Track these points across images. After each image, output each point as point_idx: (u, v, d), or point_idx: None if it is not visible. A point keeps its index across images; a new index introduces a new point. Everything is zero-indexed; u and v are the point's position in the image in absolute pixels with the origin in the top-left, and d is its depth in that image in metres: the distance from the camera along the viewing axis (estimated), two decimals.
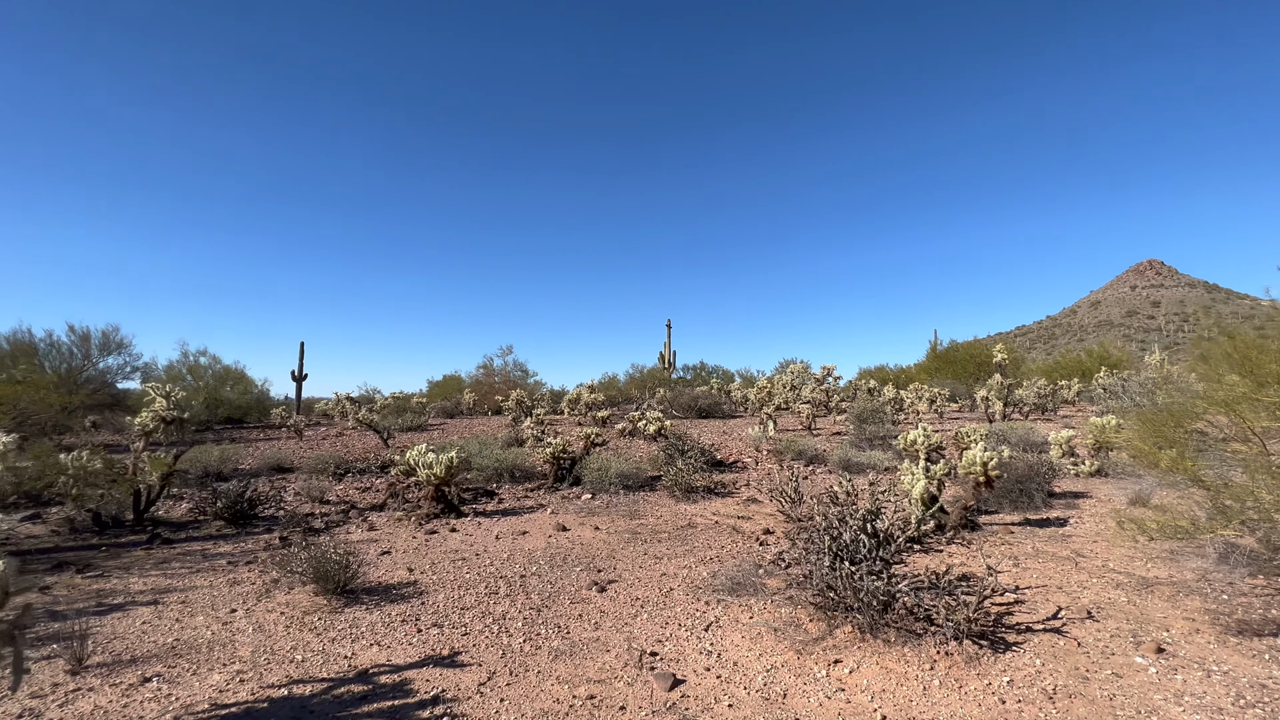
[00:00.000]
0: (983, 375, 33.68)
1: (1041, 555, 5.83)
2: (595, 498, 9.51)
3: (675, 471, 9.65)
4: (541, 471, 11.20)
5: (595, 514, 8.40)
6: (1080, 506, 7.92)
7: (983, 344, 41.61)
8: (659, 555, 6.29)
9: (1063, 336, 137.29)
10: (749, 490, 9.87)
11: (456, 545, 6.86)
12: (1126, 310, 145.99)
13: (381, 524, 8.10)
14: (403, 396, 30.49)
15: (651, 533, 7.27)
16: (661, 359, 32.01)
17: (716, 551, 6.37)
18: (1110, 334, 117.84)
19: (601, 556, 6.26)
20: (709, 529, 7.40)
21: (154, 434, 7.94)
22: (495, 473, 10.86)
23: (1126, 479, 9.94)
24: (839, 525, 4.67)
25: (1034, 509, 7.73)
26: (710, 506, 8.77)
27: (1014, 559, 5.73)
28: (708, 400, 21.94)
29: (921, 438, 10.97)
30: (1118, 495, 8.51)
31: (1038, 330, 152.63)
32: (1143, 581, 4.99)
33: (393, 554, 6.53)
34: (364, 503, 9.57)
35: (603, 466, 10.13)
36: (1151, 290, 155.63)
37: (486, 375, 29.76)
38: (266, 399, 24.44)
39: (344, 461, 12.59)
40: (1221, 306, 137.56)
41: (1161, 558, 5.60)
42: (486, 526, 7.80)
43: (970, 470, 6.75)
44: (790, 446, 12.78)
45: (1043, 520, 7.24)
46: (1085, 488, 9.11)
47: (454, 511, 8.52)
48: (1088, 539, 6.39)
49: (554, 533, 7.34)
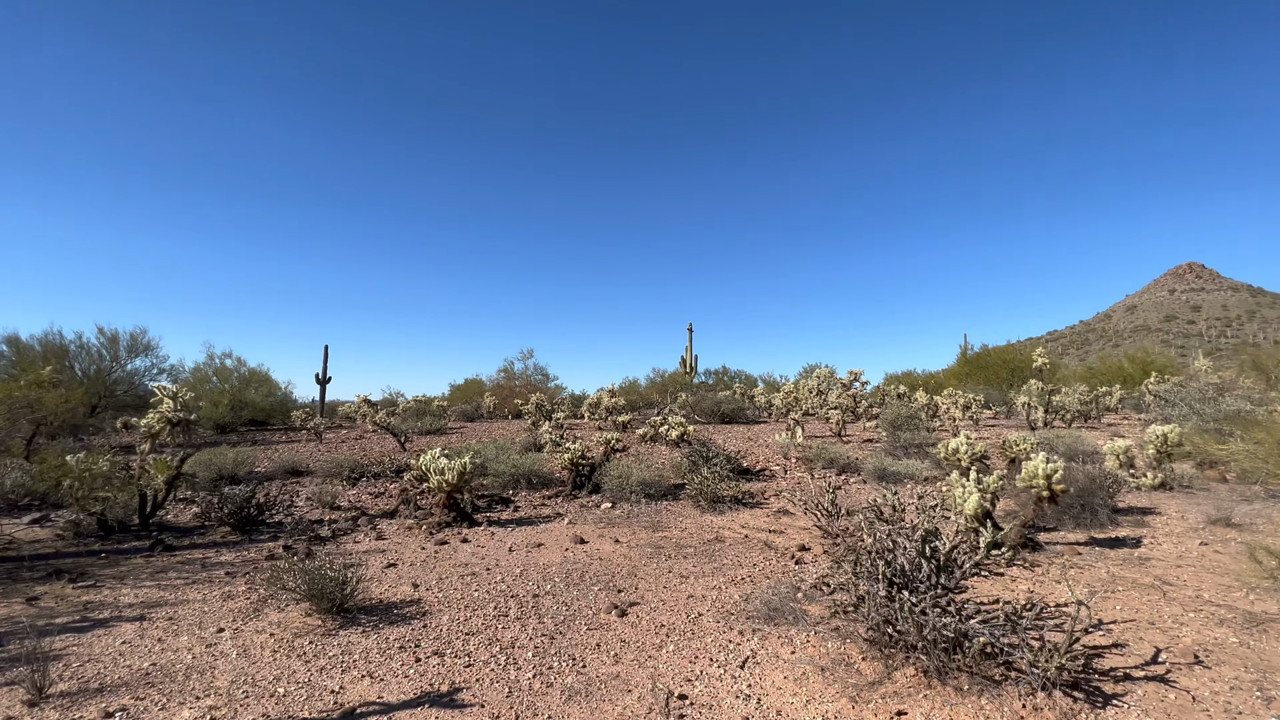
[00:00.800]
0: (1016, 381, 32.39)
1: (1120, 582, 5.14)
2: (615, 507, 9.00)
3: (700, 480, 9.09)
4: (560, 478, 10.74)
5: (615, 525, 7.89)
6: (1150, 524, 7.15)
7: (1016, 348, 40.11)
8: (685, 573, 5.74)
9: (1096, 342, 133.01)
10: (779, 501, 9.26)
11: (467, 558, 6.40)
12: (1165, 315, 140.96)
13: (391, 532, 7.70)
14: (424, 400, 30.43)
15: (676, 547, 6.73)
16: (683, 363, 31.47)
17: (748, 570, 5.81)
18: (1148, 339, 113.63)
19: (622, 574, 5.74)
20: (738, 544, 6.83)
21: (160, 436, 7.67)
22: (512, 479, 10.43)
23: (1197, 494, 9.09)
24: (893, 547, 4.08)
25: (1099, 526, 6.99)
26: (738, 518, 8.19)
27: (1089, 586, 5.05)
28: (731, 405, 21.29)
29: (965, 446, 10.23)
30: (1191, 512, 7.71)
31: (1070, 335, 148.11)
32: (1250, 618, 4.29)
33: (399, 567, 6.10)
34: (375, 509, 9.21)
35: (623, 474, 9.62)
36: (1191, 294, 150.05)
37: (507, 379, 29.56)
38: (290, 401, 24.53)
39: (359, 465, 12.30)
40: (1267, 311, 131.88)
41: (1266, 588, 4.87)
42: (500, 537, 7.34)
43: (1031, 483, 6.07)
44: (821, 454, 12.12)
45: (1112, 540, 6.51)
46: (1150, 503, 8.31)
47: (467, 520, 8.09)
48: (1169, 563, 5.66)
49: (571, 545, 6.84)
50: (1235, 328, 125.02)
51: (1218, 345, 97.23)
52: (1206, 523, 7.06)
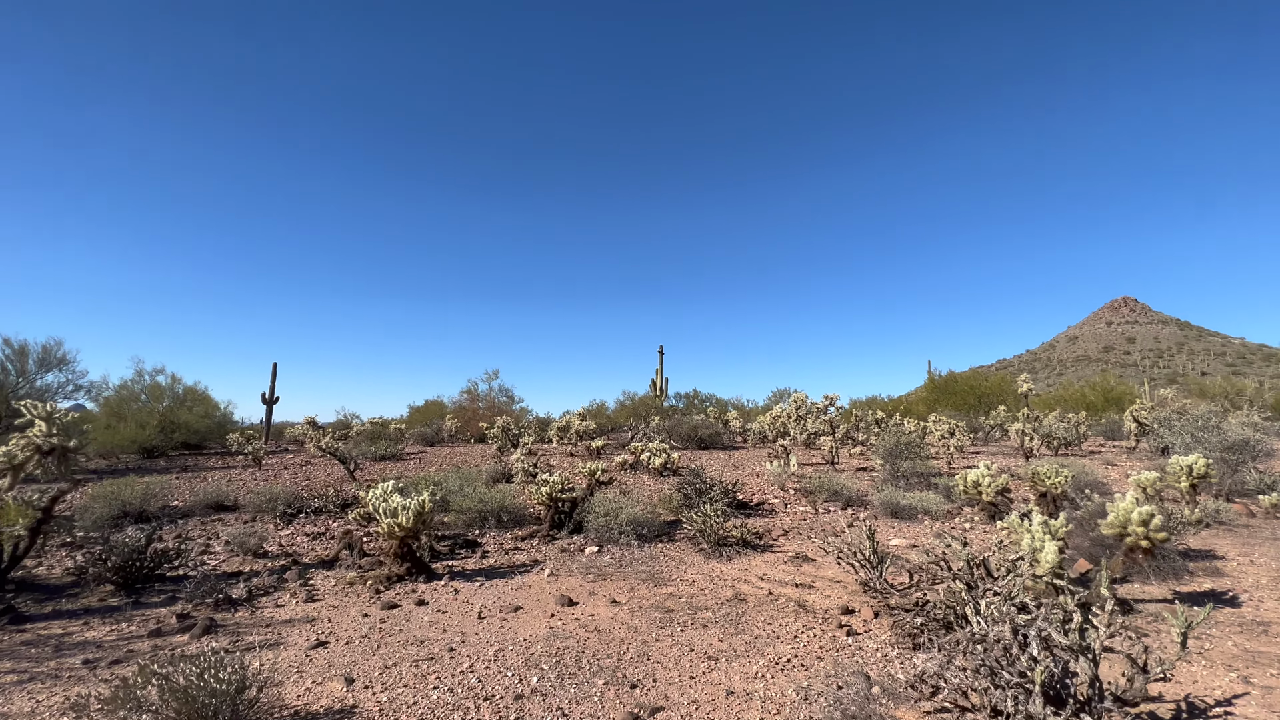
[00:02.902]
0: (983, 407, 32.49)
1: (1261, 660, 4.11)
2: (603, 551, 7.62)
3: (702, 519, 7.82)
4: (535, 515, 9.29)
5: (607, 576, 6.52)
6: (1225, 571, 6.25)
7: (982, 374, 40.65)
8: (711, 653, 4.44)
9: (1043, 370, 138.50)
10: (791, 542, 8.05)
11: (423, 630, 4.94)
12: (1103, 345, 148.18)
13: (326, 589, 6.14)
14: (381, 422, 28.30)
15: (689, 610, 5.41)
16: (653, 386, 30.34)
17: (791, 646, 4.54)
18: (1089, 368, 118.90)
19: (630, 655, 4.40)
20: (764, 604, 5.57)
21: (25, 468, 5.96)
22: (479, 516, 8.93)
23: (1237, 530, 8.35)
24: (1039, 638, 2.91)
25: (1174, 576, 6.03)
26: (751, 566, 6.93)
27: (1233, 669, 3.99)
28: (708, 430, 20.18)
29: (987, 479, 9.29)
30: (1255, 554, 6.87)
31: (1018, 363, 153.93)
32: None
33: (331, 646, 4.59)
34: (311, 555, 7.58)
35: (610, 511, 8.26)
36: (1126, 327, 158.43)
37: (470, 401, 27.85)
38: (230, 423, 22.26)
39: (297, 498, 10.56)
40: (1194, 344, 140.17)
41: None
42: (466, 596, 5.88)
43: (1125, 530, 5.04)
44: (823, 486, 11.03)
45: (1202, 595, 5.53)
46: (1204, 544, 7.47)
47: (424, 572, 6.58)
48: None
49: (557, 609, 5.44)
50: (1166, 359, 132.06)
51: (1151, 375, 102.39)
52: None
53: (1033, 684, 2.75)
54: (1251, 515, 9.40)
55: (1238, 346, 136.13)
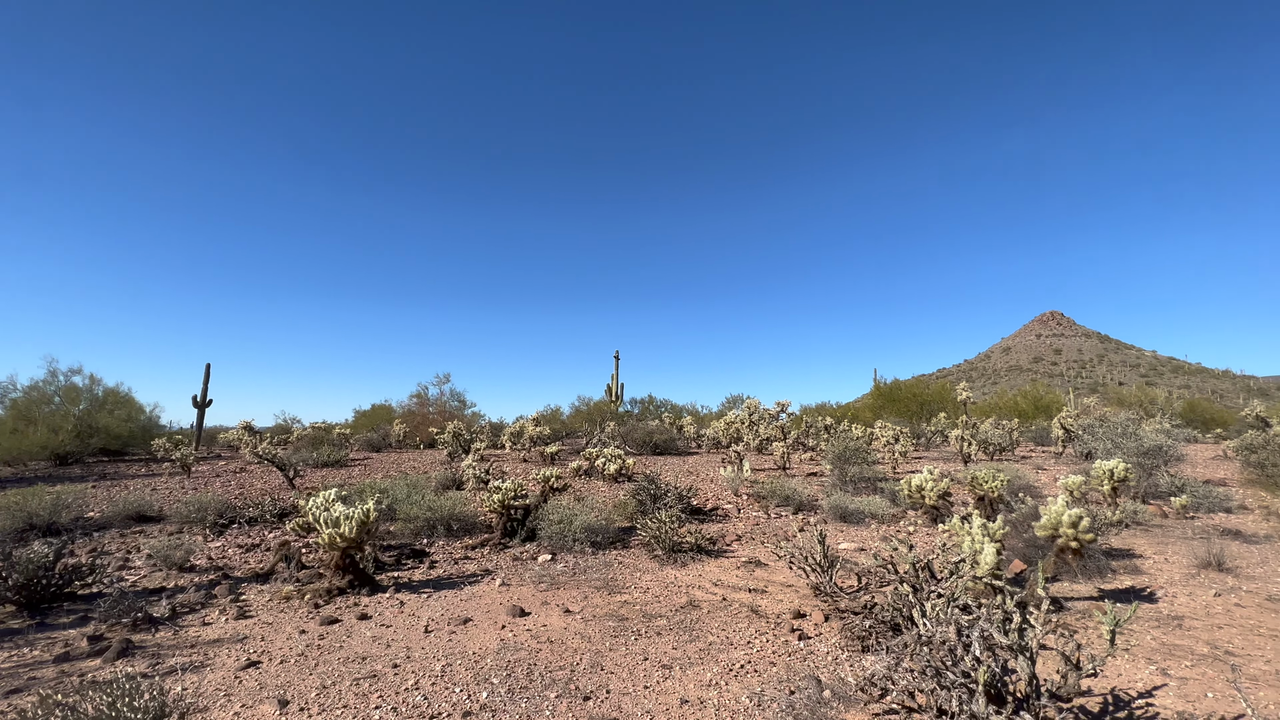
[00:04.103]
0: (924, 413, 33.96)
1: (1177, 654, 4.39)
2: (556, 559, 7.49)
3: (657, 525, 7.80)
4: (486, 523, 9.06)
5: (561, 585, 6.40)
6: (1144, 570, 6.68)
7: (924, 383, 42.48)
8: (665, 661, 4.40)
9: (979, 379, 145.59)
10: (744, 547, 8.13)
11: (365, 645, 4.70)
12: (1033, 356, 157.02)
13: (260, 605, 5.79)
14: (324, 427, 27.09)
15: (644, 618, 5.37)
16: (609, 391, 30.28)
17: (744, 652, 4.56)
18: (1020, 378, 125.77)
19: (583, 666, 4.31)
20: (718, 610, 5.58)
21: None
22: (427, 524, 8.63)
23: (1151, 529, 8.95)
24: (982, 638, 3.01)
25: (1099, 574, 6.40)
26: (705, 572, 6.95)
27: (1153, 663, 4.25)
28: (663, 436, 20.25)
29: (930, 484, 9.66)
30: (1168, 553, 7.38)
31: (957, 372, 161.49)
32: None
33: (264, 666, 4.31)
34: (245, 569, 7.15)
35: (564, 518, 8.15)
36: (1054, 339, 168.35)
37: (420, 405, 27.03)
38: (155, 427, 20.86)
39: (231, 507, 9.97)
40: (1113, 356, 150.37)
41: None
42: (413, 608, 5.65)
43: (1056, 532, 5.32)
44: (774, 491, 11.21)
45: (1124, 593, 5.89)
46: (1124, 544, 7.97)
47: (368, 584, 6.29)
48: (1205, 622, 5.04)
49: (509, 620, 5.30)
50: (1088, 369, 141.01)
51: (1075, 384, 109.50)
52: (1196, 567, 6.68)
53: (976, 684, 2.84)
54: (1164, 516, 10.10)
55: (1150, 359, 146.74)
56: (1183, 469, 14.12)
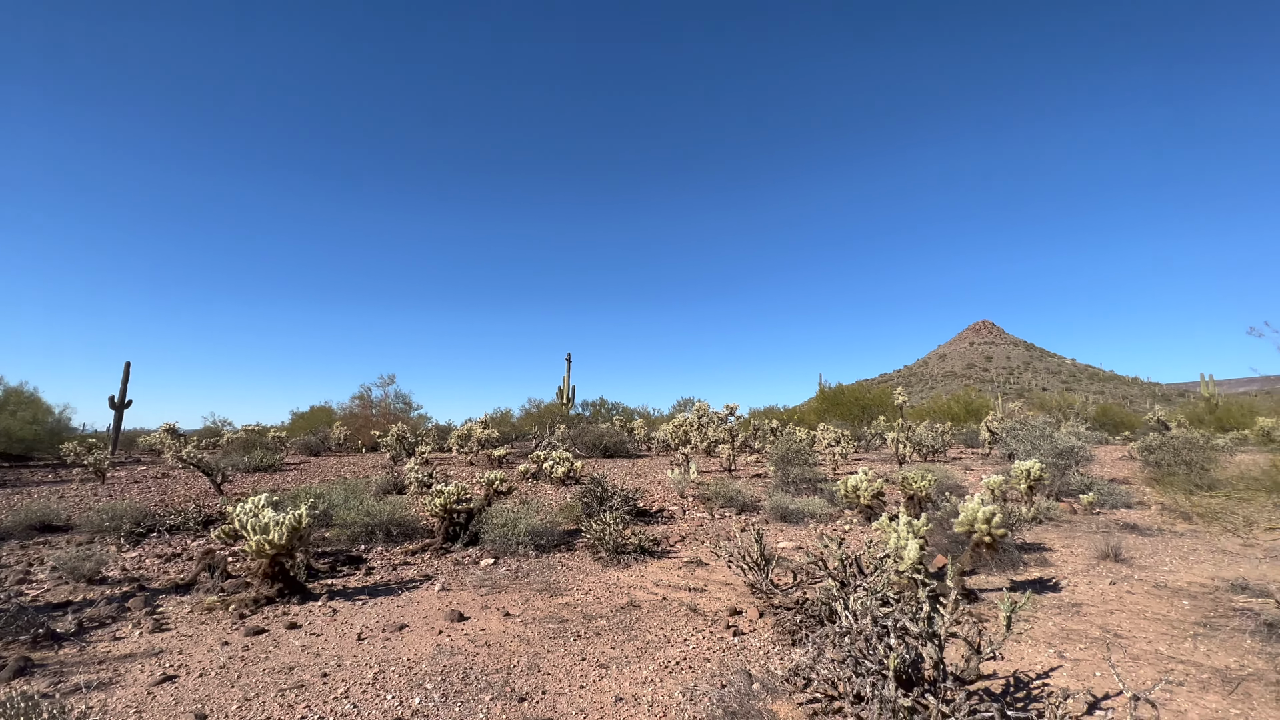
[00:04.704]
0: (866, 416, 35.38)
1: (1073, 637, 4.78)
2: (499, 563, 7.44)
3: (601, 528, 7.85)
4: (428, 527, 8.88)
5: (502, 589, 6.36)
6: (1053, 562, 7.21)
7: (866, 387, 44.21)
8: (603, 661, 4.46)
9: (918, 384, 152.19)
10: (687, 548, 8.29)
11: (294, 655, 4.55)
12: (967, 363, 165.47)
13: (180, 617, 5.50)
14: (257, 429, 25.80)
15: (584, 619, 5.41)
16: (560, 394, 30.15)
17: (680, 650, 4.67)
18: (955, 383, 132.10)
19: (520, 668, 4.32)
20: (658, 609, 5.69)
21: None
22: (365, 530, 8.39)
23: (1061, 525, 9.65)
24: (895, 628, 3.21)
25: (1013, 567, 6.87)
26: (648, 572, 7.05)
27: (1051, 646, 4.61)
28: (613, 438, 20.34)
29: (865, 484, 10.10)
30: (1074, 546, 7.99)
31: (897, 377, 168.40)
32: (1225, 677, 4.02)
33: (180, 681, 4.12)
34: (164, 579, 6.77)
35: (508, 522, 8.09)
36: (985, 347, 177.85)
37: (363, 407, 26.13)
38: (66, 430, 19.39)
39: (150, 515, 9.38)
40: (1038, 363, 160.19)
41: (1204, 635, 4.75)
42: (347, 616, 5.50)
43: (972, 527, 5.69)
44: (719, 492, 11.45)
45: (1034, 583, 6.35)
46: (1036, 537, 8.57)
47: (299, 592, 6.08)
48: (1100, 609, 5.50)
49: (446, 625, 5.23)
50: (1016, 376, 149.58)
51: (1004, 390, 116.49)
52: (1097, 558, 7.26)
53: (888, 670, 3.03)
54: (1074, 512, 10.91)
55: (1070, 366, 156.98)
56: (1092, 469, 15.25)
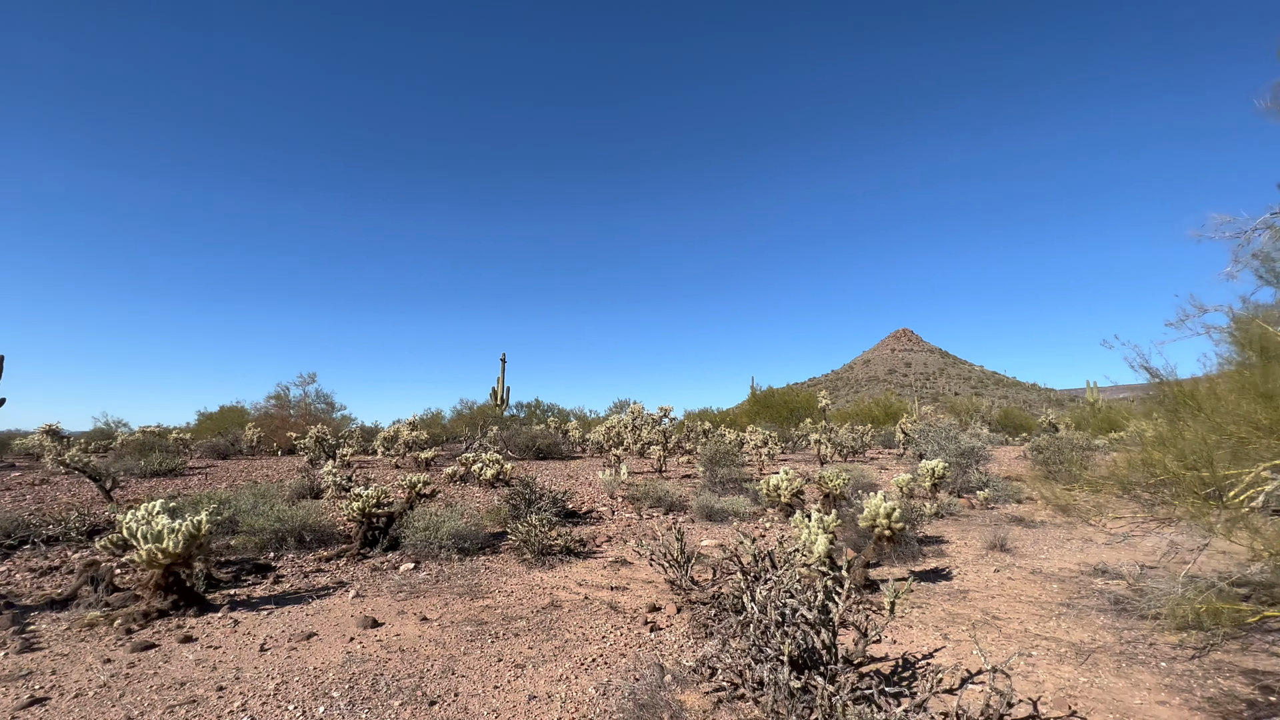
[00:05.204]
0: (794, 419, 36.85)
1: (959, 620, 5.23)
2: (420, 568, 7.26)
3: (527, 529, 7.82)
4: (345, 532, 8.54)
5: (421, 594, 6.23)
6: (949, 553, 7.82)
7: (794, 390, 45.99)
8: (519, 661, 4.48)
9: (844, 388, 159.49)
10: (614, 548, 8.39)
11: (187, 670, 4.30)
12: (888, 369, 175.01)
13: (53, 636, 5.05)
14: (158, 431, 23.76)
15: (504, 621, 5.39)
16: (494, 395, 29.60)
17: (598, 647, 4.76)
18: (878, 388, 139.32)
19: (434, 672, 4.27)
20: (579, 609, 5.75)
21: None
22: (275, 537, 7.97)
23: (960, 519, 10.45)
24: (792, 617, 3.43)
25: (913, 559, 7.41)
26: (572, 573, 7.10)
27: (938, 629, 5.03)
28: (546, 440, 20.21)
29: (785, 484, 10.55)
30: (968, 538, 8.69)
31: (825, 381, 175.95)
32: (1079, 650, 4.52)
33: (51, 703, 3.80)
34: (38, 594, 6.17)
35: (431, 524, 7.91)
36: (905, 353, 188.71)
37: (279, 407, 24.65)
38: None
39: (23, 525, 8.51)
40: (951, 370, 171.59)
41: (1066, 614, 5.32)
42: (249, 627, 5.23)
43: (874, 522, 6.10)
44: (648, 493, 11.63)
45: (930, 573, 6.87)
46: (936, 531, 9.25)
47: (195, 604, 5.71)
48: (984, 594, 6.03)
49: (359, 632, 5.08)
50: (932, 381, 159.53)
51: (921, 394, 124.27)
52: (986, 549, 7.94)
53: (784, 655, 3.24)
54: (972, 507, 11.84)
55: (979, 373, 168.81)
56: (991, 467, 16.56)
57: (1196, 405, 4.00)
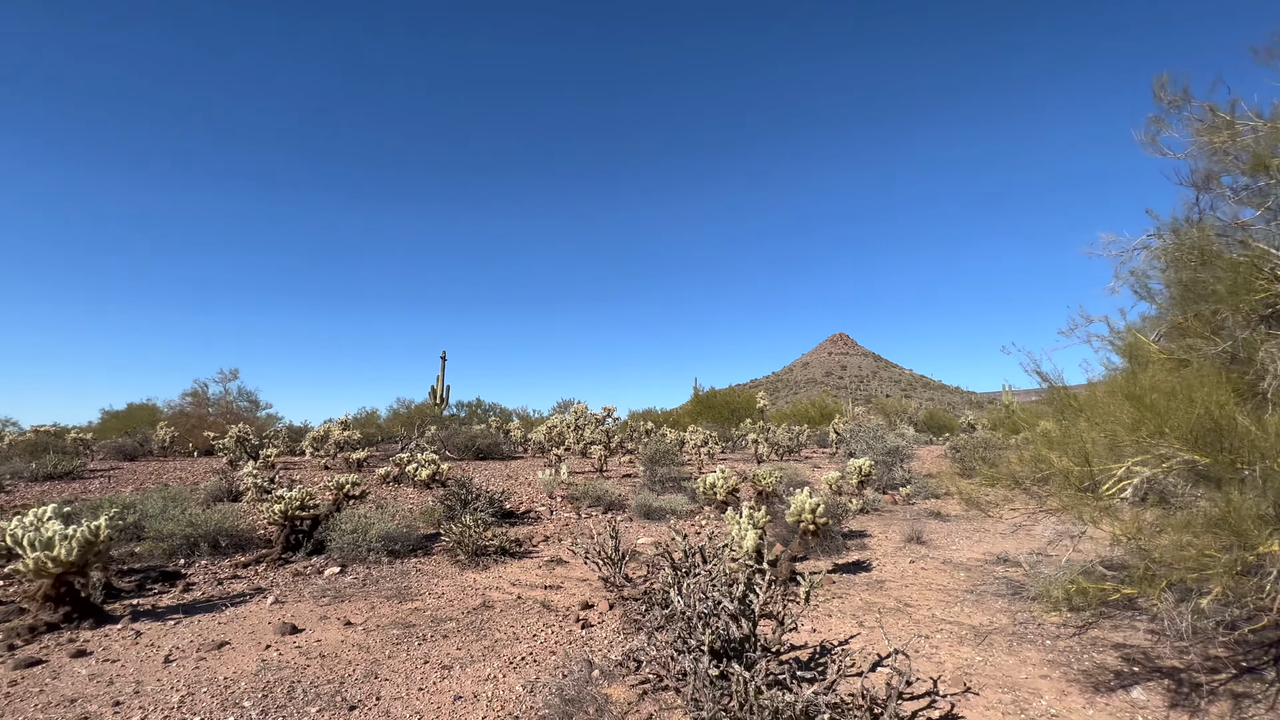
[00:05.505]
0: (735, 419, 37.78)
1: (874, 609, 5.55)
2: (346, 571, 7.02)
3: (461, 530, 7.69)
4: (265, 536, 8.13)
5: (346, 598, 6.03)
6: (870, 547, 8.25)
7: (735, 391, 47.12)
8: (446, 662, 4.43)
9: (784, 390, 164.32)
10: (550, 548, 8.37)
11: (78, 686, 4.00)
12: (825, 371, 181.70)
13: None
14: (53, 431, 21.72)
15: (432, 623, 5.30)
16: (433, 393, 28.80)
17: (528, 645, 4.76)
18: (815, 389, 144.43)
19: (356, 677, 4.16)
20: (511, 608, 5.72)
21: None
22: (187, 542, 7.49)
23: (884, 514, 11.04)
24: (715, 609, 3.56)
25: (837, 552, 7.77)
26: (507, 573, 7.04)
27: (855, 617, 5.32)
28: (486, 440, 19.86)
29: (721, 482, 10.83)
30: (890, 531, 9.20)
31: (766, 383, 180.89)
32: (977, 632, 4.90)
33: None
34: None
35: (359, 527, 7.65)
36: (841, 357, 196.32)
37: (196, 405, 23.10)
38: None
39: None
40: (884, 373, 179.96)
41: (970, 600, 5.74)
42: (153, 638, 4.91)
43: (800, 518, 6.37)
44: (587, 492, 11.65)
45: (852, 565, 7.23)
46: (860, 526, 9.73)
47: (91, 615, 5.31)
48: (899, 584, 6.41)
49: (276, 640, 4.87)
50: (865, 383, 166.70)
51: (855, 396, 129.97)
52: (904, 541, 8.43)
53: (705, 646, 3.37)
54: (895, 503, 12.51)
55: (909, 376, 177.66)
56: (914, 465, 17.54)
57: (1078, 407, 4.42)
